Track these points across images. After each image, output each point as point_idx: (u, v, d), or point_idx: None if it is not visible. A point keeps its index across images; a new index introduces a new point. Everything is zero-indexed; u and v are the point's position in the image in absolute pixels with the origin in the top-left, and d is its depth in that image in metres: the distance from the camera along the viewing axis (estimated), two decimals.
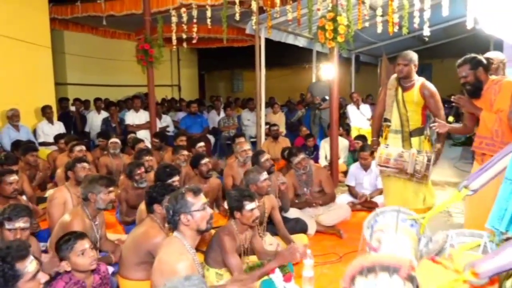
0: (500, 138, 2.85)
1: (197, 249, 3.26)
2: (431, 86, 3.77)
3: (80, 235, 2.43)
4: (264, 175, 3.51)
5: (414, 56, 3.76)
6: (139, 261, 2.70)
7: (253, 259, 3.15)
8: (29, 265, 1.85)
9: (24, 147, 5.18)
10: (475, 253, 1.71)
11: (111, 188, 3.04)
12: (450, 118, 3.33)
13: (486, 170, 1.83)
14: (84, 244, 2.37)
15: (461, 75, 3.04)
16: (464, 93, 3.13)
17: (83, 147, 5.10)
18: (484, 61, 3.01)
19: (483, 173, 1.83)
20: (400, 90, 3.80)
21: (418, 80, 3.79)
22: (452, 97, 3.18)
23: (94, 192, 2.97)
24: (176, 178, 3.75)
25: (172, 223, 2.31)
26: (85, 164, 3.93)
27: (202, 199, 2.34)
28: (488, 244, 1.74)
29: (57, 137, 6.11)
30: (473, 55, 3.06)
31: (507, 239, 1.61)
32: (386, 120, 3.89)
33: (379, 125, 4.08)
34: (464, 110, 3.21)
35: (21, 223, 2.62)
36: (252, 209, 2.89)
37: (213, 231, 3.06)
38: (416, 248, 1.83)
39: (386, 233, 1.83)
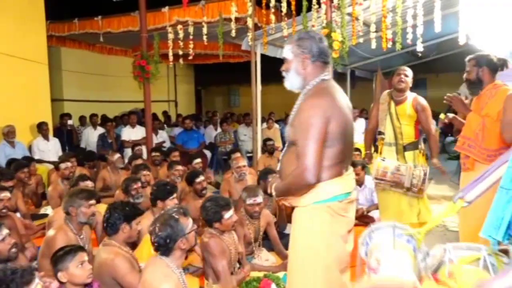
0: (479, 143, 2.83)
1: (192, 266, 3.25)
2: (423, 100, 3.85)
3: (81, 248, 2.41)
4: (253, 198, 3.35)
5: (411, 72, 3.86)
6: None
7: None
8: None
9: (15, 165, 5.01)
10: (475, 268, 1.68)
11: (92, 201, 2.97)
12: (442, 116, 3.25)
13: (481, 181, 1.80)
14: (84, 256, 2.35)
15: (466, 69, 3.02)
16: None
17: (68, 164, 4.89)
18: (493, 62, 2.92)
19: (478, 184, 1.80)
20: (392, 104, 3.87)
21: (411, 95, 3.88)
22: (447, 94, 3.12)
23: (74, 205, 2.92)
24: (175, 195, 3.71)
25: (165, 250, 2.25)
26: (88, 182, 3.92)
27: (190, 218, 2.37)
28: (487, 258, 1.70)
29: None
30: (486, 53, 2.98)
31: (503, 250, 1.60)
32: (380, 133, 3.95)
33: (372, 140, 4.20)
34: (456, 109, 3.14)
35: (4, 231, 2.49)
36: (231, 216, 2.88)
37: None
38: (415, 264, 1.82)
39: (384, 252, 1.80)
